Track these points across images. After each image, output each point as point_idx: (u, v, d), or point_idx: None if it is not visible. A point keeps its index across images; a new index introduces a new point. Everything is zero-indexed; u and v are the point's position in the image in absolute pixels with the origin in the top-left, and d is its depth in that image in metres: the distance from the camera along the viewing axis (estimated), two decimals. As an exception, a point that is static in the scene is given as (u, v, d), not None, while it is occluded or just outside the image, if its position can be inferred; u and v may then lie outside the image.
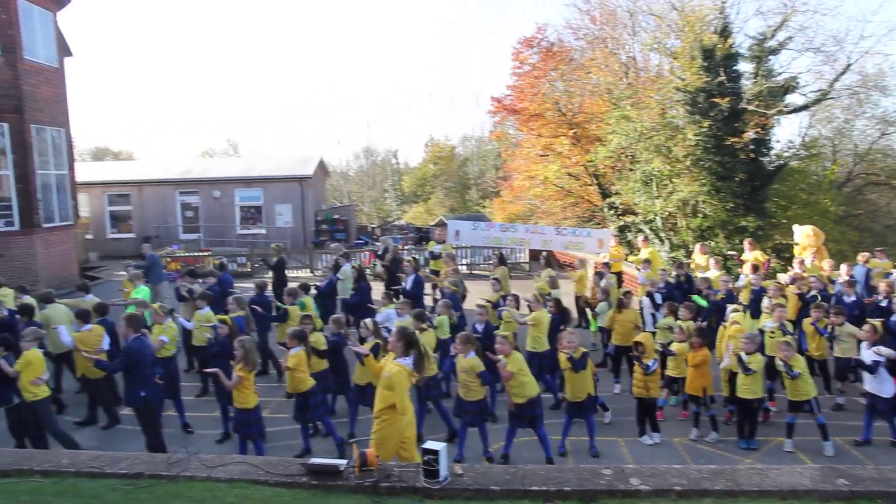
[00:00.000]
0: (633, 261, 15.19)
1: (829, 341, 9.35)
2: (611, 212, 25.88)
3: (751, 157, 22.45)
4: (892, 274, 12.03)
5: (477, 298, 11.46)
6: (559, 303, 10.22)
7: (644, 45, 26.17)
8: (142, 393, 7.49)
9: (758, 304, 10.44)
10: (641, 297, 11.65)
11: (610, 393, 9.91)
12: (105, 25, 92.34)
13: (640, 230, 23.37)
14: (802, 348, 9.60)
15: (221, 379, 7.52)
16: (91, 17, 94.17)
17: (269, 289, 12.70)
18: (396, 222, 45.24)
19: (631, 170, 24.78)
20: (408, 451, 6.10)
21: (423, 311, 9.36)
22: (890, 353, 7.77)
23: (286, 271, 15.32)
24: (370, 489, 4.76)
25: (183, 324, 10.44)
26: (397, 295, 11.67)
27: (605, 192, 26.94)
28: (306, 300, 11.07)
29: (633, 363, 8.48)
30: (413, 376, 6.14)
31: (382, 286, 13.36)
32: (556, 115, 27.33)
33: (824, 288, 11.05)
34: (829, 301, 10.35)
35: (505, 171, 39.23)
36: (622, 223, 24.81)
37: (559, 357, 8.04)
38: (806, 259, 13.12)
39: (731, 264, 18.23)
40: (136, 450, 7.29)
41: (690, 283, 12.00)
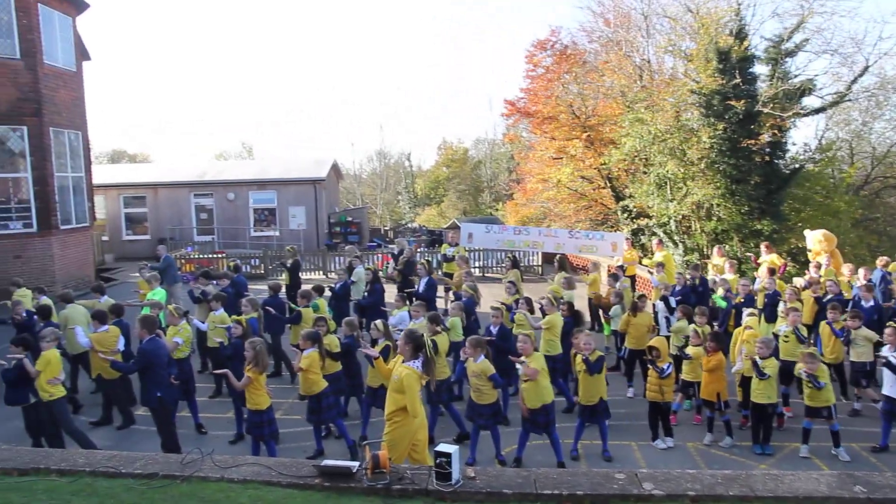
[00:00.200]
0: (647, 264, 15.12)
1: (846, 345, 9.25)
2: (624, 215, 25.77)
3: (766, 160, 22.31)
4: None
5: (490, 302, 11.45)
6: (572, 306, 10.22)
7: (658, 47, 26.08)
8: (157, 393, 7.57)
9: (772, 308, 10.34)
10: (656, 301, 11.59)
11: (623, 397, 9.87)
12: (107, 28, 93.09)
13: (654, 233, 23.27)
14: (818, 353, 9.50)
15: (230, 380, 7.57)
16: (102, 21, 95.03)
17: (283, 291, 12.77)
18: (409, 225, 45.39)
19: (645, 173, 24.67)
20: (420, 454, 6.11)
21: (437, 313, 9.36)
22: None
23: (300, 273, 15.40)
24: (382, 491, 4.77)
25: (197, 325, 10.54)
26: (410, 298, 11.68)
27: (619, 195, 26.85)
28: (320, 302, 11.10)
29: (646, 367, 8.43)
30: (423, 378, 6.15)
31: (395, 289, 13.39)
32: (570, 118, 27.30)
33: (840, 292, 10.93)
34: (846, 305, 10.25)
35: (518, 173, 39.26)
36: (635, 226, 24.70)
37: (575, 359, 8.01)
38: (822, 263, 12.99)
39: (746, 268, 18.09)
40: (151, 450, 7.36)
41: (705, 286, 11.91)
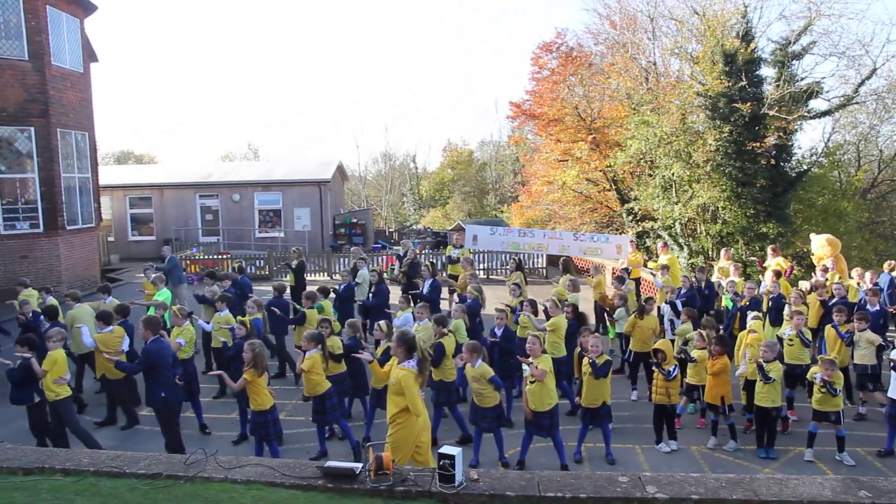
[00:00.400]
0: (653, 266, 15.08)
1: (848, 346, 9.20)
2: (629, 217, 25.72)
3: (772, 163, 22.21)
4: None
5: (494, 303, 11.44)
6: (576, 308, 10.21)
7: (664, 49, 26.04)
8: (161, 394, 7.59)
9: (777, 312, 10.30)
10: (661, 304, 11.57)
11: (626, 399, 9.85)
12: (118, 29, 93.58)
13: (659, 236, 23.20)
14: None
15: (226, 381, 7.65)
16: (112, 22, 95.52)
17: (288, 292, 12.80)
18: (414, 226, 45.44)
19: (650, 175, 24.62)
20: (423, 456, 6.12)
21: (444, 315, 9.36)
22: None
23: (305, 275, 15.42)
24: (385, 493, 4.77)
25: (202, 326, 10.56)
26: (415, 299, 11.69)
27: (624, 197, 26.80)
28: (324, 304, 11.12)
29: (650, 370, 8.41)
30: (419, 378, 6.16)
31: (399, 290, 13.39)
32: (576, 120, 27.26)
33: (845, 296, 10.88)
34: (851, 309, 10.20)
35: (523, 175, 39.25)
36: (641, 229, 24.63)
37: (582, 361, 8.00)
38: (828, 266, 12.93)
39: (752, 271, 18.03)
40: (155, 450, 7.38)
41: (711, 289, 11.86)
